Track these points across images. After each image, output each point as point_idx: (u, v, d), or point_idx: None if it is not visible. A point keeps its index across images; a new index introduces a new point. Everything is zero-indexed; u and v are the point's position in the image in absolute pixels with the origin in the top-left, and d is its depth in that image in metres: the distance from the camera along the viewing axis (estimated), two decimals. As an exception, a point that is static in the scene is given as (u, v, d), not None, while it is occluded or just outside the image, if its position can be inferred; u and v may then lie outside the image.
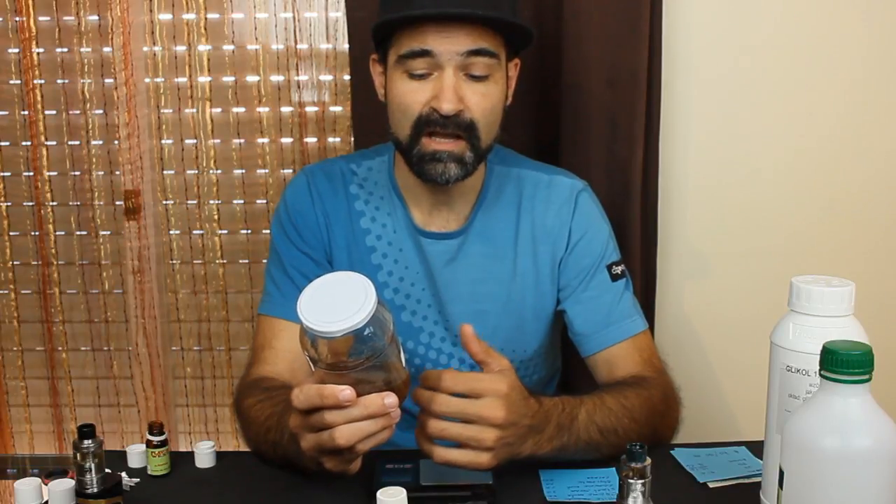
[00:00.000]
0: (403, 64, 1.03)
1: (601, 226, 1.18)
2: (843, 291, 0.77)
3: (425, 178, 1.06)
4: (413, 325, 1.16)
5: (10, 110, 1.67)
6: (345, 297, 0.76)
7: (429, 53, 1.00)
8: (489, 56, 1.02)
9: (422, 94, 1.03)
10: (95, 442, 0.83)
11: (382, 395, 0.78)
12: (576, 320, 1.14)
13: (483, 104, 1.03)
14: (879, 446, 0.63)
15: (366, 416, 0.78)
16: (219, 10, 1.61)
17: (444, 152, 1.03)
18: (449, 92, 1.00)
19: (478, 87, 1.03)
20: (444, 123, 1.02)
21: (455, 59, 1.01)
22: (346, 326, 0.74)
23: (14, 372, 1.77)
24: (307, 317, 0.75)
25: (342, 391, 0.77)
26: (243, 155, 1.67)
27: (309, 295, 0.77)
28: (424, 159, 1.04)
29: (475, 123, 1.03)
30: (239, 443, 1.58)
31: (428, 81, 1.02)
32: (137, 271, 1.69)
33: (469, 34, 1.00)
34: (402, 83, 1.04)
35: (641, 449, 0.70)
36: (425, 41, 1.00)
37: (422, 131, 1.03)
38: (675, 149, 1.53)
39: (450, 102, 1.00)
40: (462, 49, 1.00)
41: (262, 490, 0.95)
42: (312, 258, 1.15)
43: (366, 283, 0.77)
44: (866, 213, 1.54)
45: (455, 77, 1.01)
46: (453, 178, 1.05)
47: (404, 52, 1.02)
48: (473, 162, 1.06)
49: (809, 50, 1.50)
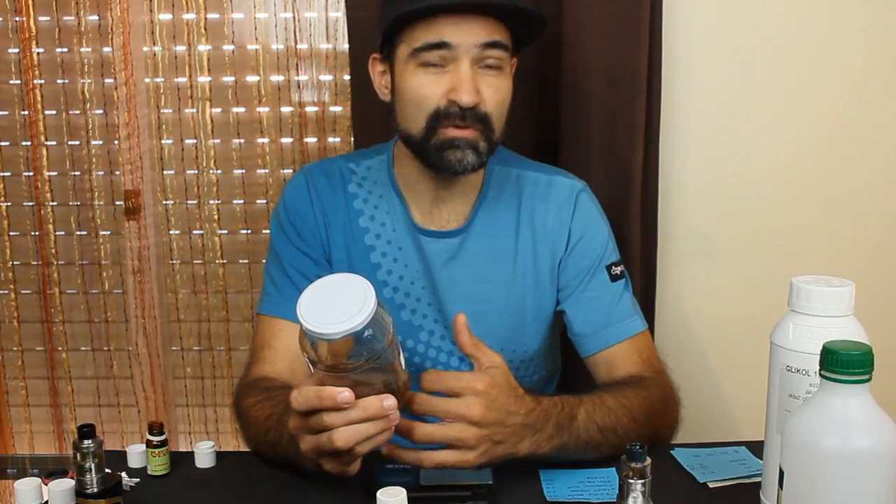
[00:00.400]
0: (418, 57, 1.03)
1: (601, 226, 1.18)
2: (843, 291, 0.77)
3: (442, 167, 1.05)
4: (413, 323, 1.16)
5: (10, 110, 1.67)
6: (344, 298, 0.76)
7: (445, 45, 1.01)
8: (502, 49, 1.03)
9: (438, 87, 1.03)
10: (95, 442, 0.83)
11: (381, 398, 0.78)
12: (575, 320, 1.14)
13: (497, 97, 1.04)
14: (879, 446, 0.63)
15: (364, 419, 0.78)
16: (219, 10, 1.61)
17: (462, 139, 1.03)
18: (468, 84, 1.01)
19: (491, 81, 1.04)
20: (463, 115, 1.02)
21: (472, 50, 1.01)
22: (345, 328, 0.74)
23: (14, 372, 1.77)
24: (307, 318, 0.75)
25: (340, 393, 0.77)
26: (243, 155, 1.67)
27: (308, 296, 0.77)
28: (444, 147, 1.04)
29: (489, 116, 1.04)
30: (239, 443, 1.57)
31: (443, 74, 1.03)
32: (137, 271, 1.69)
33: (484, 26, 1.01)
34: (417, 76, 1.03)
35: (641, 449, 0.70)
36: (441, 33, 1.00)
37: (439, 123, 1.03)
38: (675, 149, 1.53)
39: (469, 94, 1.01)
40: (479, 41, 1.01)
41: (262, 490, 0.95)
42: (311, 258, 1.15)
43: (366, 284, 0.77)
44: (866, 213, 1.54)
45: (472, 69, 1.02)
46: (469, 167, 1.05)
47: (419, 45, 1.02)
48: (486, 152, 1.06)
49: (809, 49, 1.50)
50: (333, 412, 0.78)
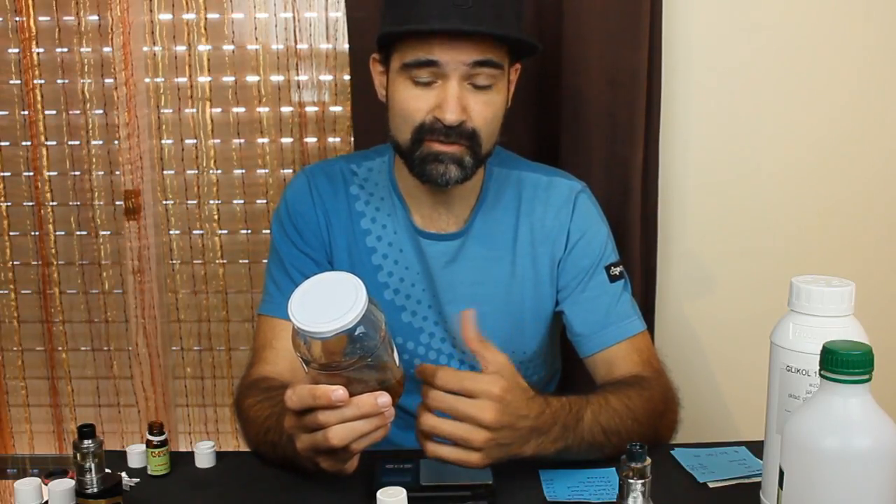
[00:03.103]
0: (407, 71, 1.03)
1: (600, 227, 1.18)
2: (843, 291, 0.77)
3: (425, 179, 1.06)
4: (413, 325, 1.16)
5: (10, 110, 1.67)
6: (336, 297, 0.76)
7: (434, 64, 1.01)
8: (494, 67, 1.03)
9: (424, 102, 1.03)
10: (95, 442, 0.83)
11: (375, 395, 0.78)
12: (574, 321, 1.14)
13: (485, 113, 1.04)
14: (879, 446, 0.63)
15: (359, 416, 0.78)
16: (219, 10, 1.61)
17: (445, 154, 1.03)
18: (453, 103, 1.01)
19: (480, 97, 1.03)
20: (447, 132, 1.02)
21: (460, 69, 1.01)
22: (336, 326, 0.74)
23: (14, 372, 1.77)
24: (298, 317, 0.75)
25: (334, 391, 0.77)
26: (243, 155, 1.67)
27: (300, 296, 0.77)
28: (427, 160, 1.04)
29: (477, 132, 1.04)
30: (239, 443, 1.58)
31: (431, 89, 1.03)
32: (137, 271, 1.69)
33: (476, 46, 1.01)
34: (406, 90, 1.04)
35: (641, 449, 0.70)
36: (431, 52, 1.00)
37: (423, 138, 1.04)
38: (675, 149, 1.53)
39: (454, 113, 1.01)
40: (468, 60, 1.01)
41: (262, 490, 0.95)
42: (313, 258, 1.15)
43: (357, 282, 0.77)
44: (866, 213, 1.54)
45: (459, 87, 1.01)
46: (453, 181, 1.05)
47: (409, 61, 1.02)
48: (472, 166, 1.06)
49: (809, 50, 1.50)
50: (328, 410, 0.78)
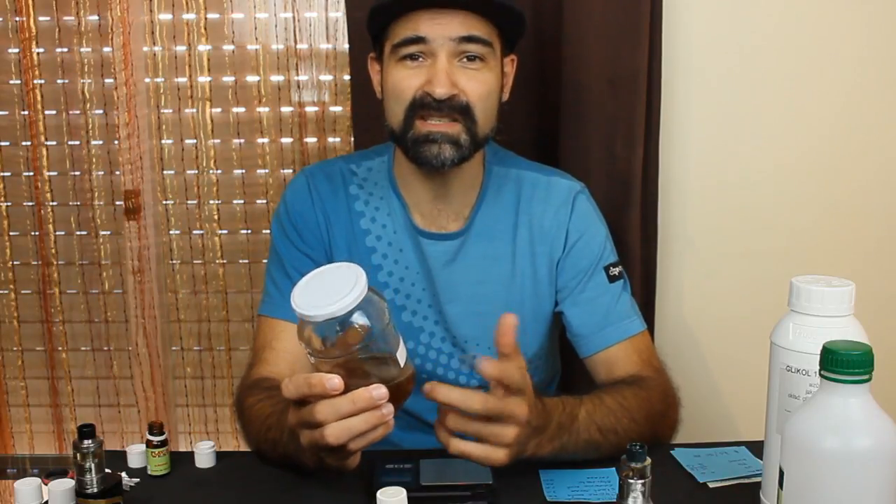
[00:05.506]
0: (398, 52, 1.04)
1: (598, 227, 1.18)
2: (843, 291, 0.77)
3: (420, 161, 1.06)
4: (413, 325, 1.16)
5: (10, 110, 1.67)
6: (336, 283, 0.77)
7: (422, 40, 1.02)
8: (481, 43, 1.04)
9: (415, 80, 1.04)
10: (95, 442, 0.83)
11: (371, 388, 0.77)
12: (574, 321, 1.14)
13: (478, 89, 1.04)
14: (879, 446, 0.63)
15: (355, 411, 0.77)
16: (219, 10, 1.61)
17: (437, 133, 1.04)
18: (442, 75, 1.02)
19: (472, 74, 1.04)
20: (438, 107, 1.03)
21: (448, 44, 1.02)
22: (334, 309, 0.74)
23: (14, 372, 1.77)
24: (298, 303, 0.76)
25: (330, 380, 0.76)
26: (243, 155, 1.67)
27: (303, 284, 0.79)
28: (419, 141, 1.05)
29: (471, 107, 1.04)
30: (239, 443, 1.58)
31: (422, 67, 1.04)
32: (137, 271, 1.69)
33: (462, 21, 1.02)
34: (397, 71, 1.05)
35: (641, 449, 0.70)
36: (418, 28, 1.02)
37: (415, 114, 1.04)
38: (675, 149, 1.52)
39: (443, 86, 1.02)
40: (454, 34, 1.02)
41: (262, 490, 0.95)
42: (313, 259, 1.15)
43: (358, 270, 0.78)
44: (866, 213, 1.54)
45: (448, 63, 1.03)
46: (448, 161, 1.05)
47: (398, 41, 1.04)
48: (470, 146, 1.06)
49: (809, 50, 1.49)
50: (324, 404, 0.78)
